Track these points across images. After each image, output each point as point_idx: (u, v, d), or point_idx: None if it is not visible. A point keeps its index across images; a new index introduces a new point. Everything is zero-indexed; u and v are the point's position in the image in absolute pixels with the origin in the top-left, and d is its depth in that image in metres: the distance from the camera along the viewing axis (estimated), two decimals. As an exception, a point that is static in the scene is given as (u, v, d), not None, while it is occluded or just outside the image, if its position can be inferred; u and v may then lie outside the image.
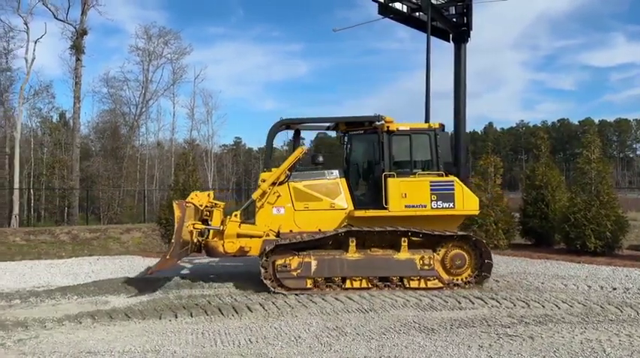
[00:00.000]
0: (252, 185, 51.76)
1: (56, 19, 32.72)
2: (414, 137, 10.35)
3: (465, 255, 9.71)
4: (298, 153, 10.39)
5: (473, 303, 8.51)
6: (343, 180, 10.33)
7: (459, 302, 8.55)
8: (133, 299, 9.04)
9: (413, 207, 9.85)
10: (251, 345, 6.40)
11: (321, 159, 10.90)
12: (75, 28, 32.62)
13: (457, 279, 9.70)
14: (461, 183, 10.13)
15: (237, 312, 8.02)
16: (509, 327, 7.07)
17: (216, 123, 61.37)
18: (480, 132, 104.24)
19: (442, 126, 10.50)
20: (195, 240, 9.91)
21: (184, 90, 78.97)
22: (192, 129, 45.24)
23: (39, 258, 15.08)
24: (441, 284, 9.58)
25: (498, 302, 8.56)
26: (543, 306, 8.30)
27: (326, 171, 10.49)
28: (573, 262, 13.12)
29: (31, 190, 36.12)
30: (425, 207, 9.84)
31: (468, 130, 27.73)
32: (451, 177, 10.08)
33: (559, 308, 8.20)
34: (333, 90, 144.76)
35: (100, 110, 47.17)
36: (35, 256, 15.31)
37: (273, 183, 10.08)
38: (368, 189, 10.65)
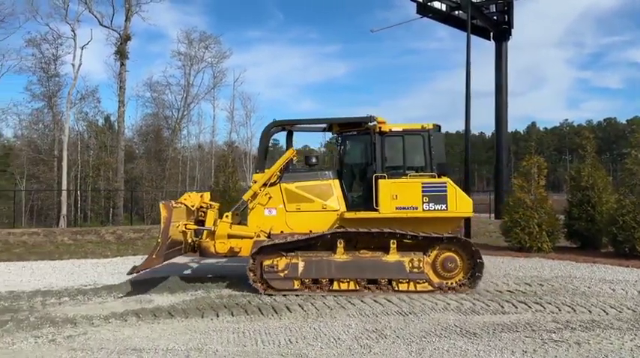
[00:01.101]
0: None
1: (101, 25, 33.93)
2: (407, 138, 10.14)
3: (457, 258, 9.47)
4: (289, 154, 10.38)
5: (516, 308, 8.32)
6: (336, 181, 10.22)
7: (502, 307, 8.38)
8: (176, 298, 9.25)
9: (404, 208, 9.61)
10: (291, 345, 6.45)
11: (314, 160, 10.86)
12: (119, 34, 33.75)
13: (448, 283, 9.47)
14: (454, 184, 9.79)
15: (276, 312, 8.10)
16: (554, 332, 6.88)
17: (254, 126, 62.09)
18: (522, 132, 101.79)
19: (436, 126, 10.25)
20: (190, 241, 10.14)
21: (224, 94, 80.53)
22: (231, 131, 46.17)
23: (85, 257, 15.57)
24: (431, 288, 9.37)
25: (543, 306, 8.35)
26: (590, 311, 8.04)
27: (319, 173, 10.41)
28: (621, 266, 12.70)
29: (78, 192, 37.31)
30: (416, 208, 9.59)
31: (510, 130, 27.20)
32: (444, 179, 9.76)
33: (607, 313, 7.94)
34: (370, 91, 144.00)
35: (144, 114, 48.72)
36: (82, 255, 15.81)
37: (265, 185, 10.08)
38: (361, 190, 10.46)
